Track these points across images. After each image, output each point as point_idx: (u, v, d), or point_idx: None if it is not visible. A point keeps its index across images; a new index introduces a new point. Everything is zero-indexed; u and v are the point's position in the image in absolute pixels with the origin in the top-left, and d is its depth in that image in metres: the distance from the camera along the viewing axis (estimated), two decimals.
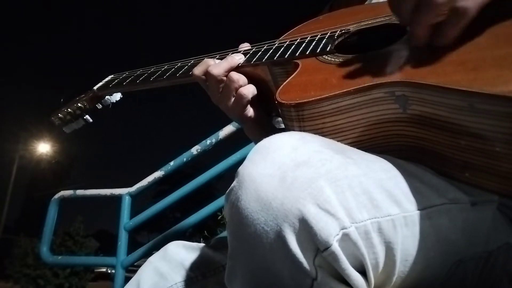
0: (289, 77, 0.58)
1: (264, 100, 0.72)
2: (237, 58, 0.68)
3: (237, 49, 0.75)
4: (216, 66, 0.67)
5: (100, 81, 0.91)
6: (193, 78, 0.71)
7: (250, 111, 0.68)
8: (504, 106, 0.38)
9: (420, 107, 0.46)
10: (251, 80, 0.69)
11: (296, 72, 0.59)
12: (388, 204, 0.40)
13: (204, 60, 0.71)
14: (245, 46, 0.75)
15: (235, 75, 0.67)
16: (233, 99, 0.67)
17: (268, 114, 0.75)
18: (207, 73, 0.68)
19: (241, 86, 0.67)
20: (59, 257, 2.12)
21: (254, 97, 0.68)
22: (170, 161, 1.92)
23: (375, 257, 0.38)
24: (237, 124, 1.71)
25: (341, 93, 0.48)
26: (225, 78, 0.67)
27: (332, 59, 0.59)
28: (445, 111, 0.43)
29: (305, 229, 0.36)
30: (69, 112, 0.91)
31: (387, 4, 0.52)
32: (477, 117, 0.41)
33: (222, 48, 0.78)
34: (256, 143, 0.76)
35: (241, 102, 0.67)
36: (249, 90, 0.67)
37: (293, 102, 0.50)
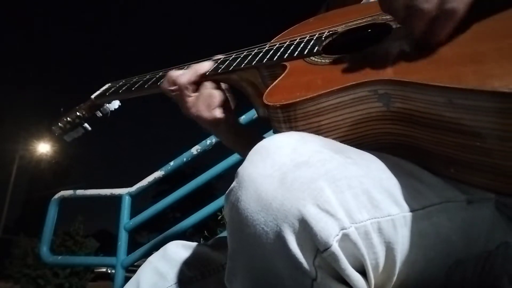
0: (277, 79, 0.58)
1: (255, 103, 0.73)
2: (202, 66, 0.71)
3: (209, 58, 0.77)
4: (181, 75, 0.70)
5: (98, 90, 0.92)
6: (162, 91, 0.74)
7: (221, 113, 0.70)
8: (480, 100, 0.39)
9: (403, 104, 0.46)
10: (240, 84, 0.71)
11: (283, 75, 0.59)
12: (388, 204, 0.40)
13: (168, 73, 0.73)
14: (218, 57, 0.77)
15: (207, 82, 0.70)
16: (202, 103, 0.69)
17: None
18: (173, 83, 0.71)
19: (211, 89, 0.70)
20: (59, 257, 2.12)
21: (225, 101, 0.71)
22: (170, 161, 1.92)
23: (375, 257, 0.38)
24: None
25: (325, 93, 0.49)
26: (190, 86, 0.70)
27: (319, 60, 0.60)
28: (426, 108, 0.44)
29: (305, 230, 0.36)
30: (69, 121, 0.92)
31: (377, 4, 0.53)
32: (457, 112, 0.41)
33: (225, 51, 0.79)
34: (232, 148, 0.78)
35: (213, 102, 0.69)
36: (220, 92, 0.70)
37: (278, 103, 0.51)
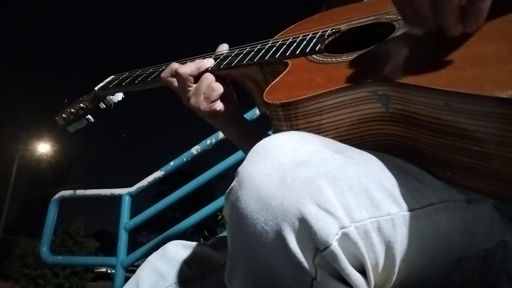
0: (278, 76, 0.59)
1: (257, 100, 0.74)
2: (205, 62, 0.73)
3: (214, 53, 0.78)
4: (183, 66, 0.73)
5: (102, 82, 0.93)
6: (161, 81, 0.76)
7: (220, 105, 0.71)
8: (478, 105, 0.38)
9: (402, 106, 0.46)
10: (242, 80, 0.72)
11: (284, 72, 0.59)
12: (387, 203, 0.40)
13: (170, 64, 0.76)
14: (224, 47, 0.79)
15: (208, 74, 0.72)
16: (203, 95, 0.71)
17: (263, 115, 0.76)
18: (175, 73, 0.73)
19: (211, 82, 0.71)
20: (59, 257, 2.13)
21: (225, 94, 0.72)
22: (170, 161, 1.93)
23: (375, 256, 0.38)
24: None
25: (325, 93, 0.49)
26: (191, 77, 0.72)
27: (321, 58, 0.60)
28: (424, 110, 0.44)
29: (305, 229, 0.36)
30: (72, 112, 0.94)
31: (380, 3, 0.51)
32: (454, 116, 0.41)
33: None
34: (234, 142, 0.78)
35: (212, 95, 0.70)
36: (220, 85, 0.71)
37: (278, 101, 0.51)
